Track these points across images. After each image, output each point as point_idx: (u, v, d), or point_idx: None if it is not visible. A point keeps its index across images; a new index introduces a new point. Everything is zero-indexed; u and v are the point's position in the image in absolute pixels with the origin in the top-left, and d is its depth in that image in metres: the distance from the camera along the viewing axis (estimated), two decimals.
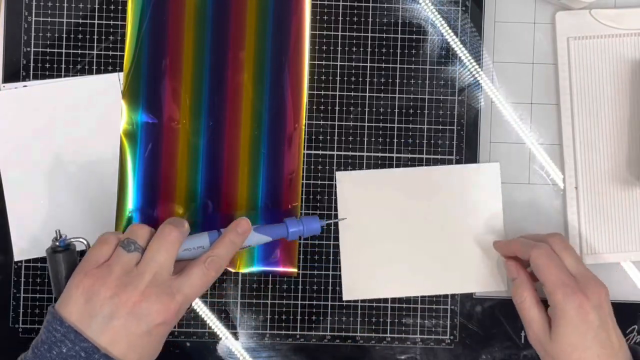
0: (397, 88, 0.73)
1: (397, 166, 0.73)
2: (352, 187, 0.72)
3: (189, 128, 0.72)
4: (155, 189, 0.71)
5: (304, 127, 0.72)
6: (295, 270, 0.72)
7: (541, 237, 0.68)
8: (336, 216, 0.72)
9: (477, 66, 0.73)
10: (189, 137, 0.72)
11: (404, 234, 0.72)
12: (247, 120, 0.72)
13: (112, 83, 0.72)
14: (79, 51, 0.72)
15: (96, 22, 0.72)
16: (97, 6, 0.72)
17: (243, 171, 0.72)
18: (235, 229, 0.64)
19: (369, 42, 0.73)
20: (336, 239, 0.72)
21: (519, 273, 0.68)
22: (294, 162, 0.72)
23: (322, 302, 0.72)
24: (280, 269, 0.72)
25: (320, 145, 0.73)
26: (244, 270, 0.72)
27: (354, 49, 0.73)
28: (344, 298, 0.72)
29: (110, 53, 0.72)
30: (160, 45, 0.71)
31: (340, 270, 0.72)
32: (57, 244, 0.64)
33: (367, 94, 0.73)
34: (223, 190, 0.72)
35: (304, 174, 0.72)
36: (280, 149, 0.72)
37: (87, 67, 0.72)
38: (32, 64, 0.71)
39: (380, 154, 0.73)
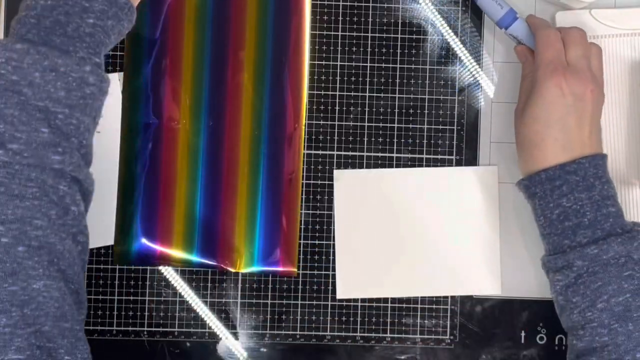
0: (397, 88, 0.73)
1: (397, 166, 0.73)
2: (349, 185, 0.72)
3: (189, 128, 0.72)
4: (155, 189, 0.71)
5: (304, 127, 0.72)
6: (295, 270, 0.72)
7: (562, 28, 0.67)
8: (335, 217, 0.72)
9: (477, 66, 0.73)
10: (189, 137, 0.72)
11: (399, 234, 0.72)
12: (247, 120, 0.72)
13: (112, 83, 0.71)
14: None
15: None
16: None
17: (243, 171, 0.72)
18: None
19: (369, 42, 0.73)
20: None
21: (526, 56, 0.68)
22: (294, 162, 0.72)
23: (322, 302, 0.73)
24: (280, 269, 0.72)
25: (320, 145, 0.73)
26: (244, 270, 0.72)
27: (354, 49, 0.73)
28: (338, 297, 0.72)
29: (110, 53, 0.72)
30: (160, 45, 0.71)
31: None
32: None
33: (367, 94, 0.73)
34: (223, 190, 0.72)
35: (304, 173, 0.72)
36: (280, 149, 0.72)
37: None
38: None
39: (380, 154, 0.73)
